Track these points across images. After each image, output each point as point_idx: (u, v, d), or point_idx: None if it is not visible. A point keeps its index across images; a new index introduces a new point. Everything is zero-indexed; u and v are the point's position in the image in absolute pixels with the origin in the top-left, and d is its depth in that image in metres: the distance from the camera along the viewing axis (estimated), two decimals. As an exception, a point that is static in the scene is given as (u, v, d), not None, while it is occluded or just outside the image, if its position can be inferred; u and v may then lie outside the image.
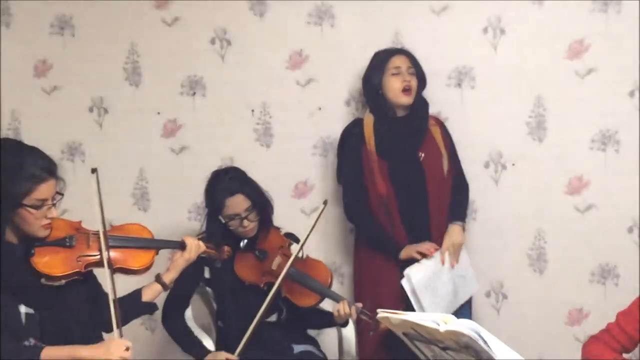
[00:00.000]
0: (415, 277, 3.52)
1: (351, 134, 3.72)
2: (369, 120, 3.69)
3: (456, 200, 3.71)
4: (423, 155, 3.65)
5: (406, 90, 3.61)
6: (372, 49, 3.89)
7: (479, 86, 3.89)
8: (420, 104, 3.71)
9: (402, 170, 3.62)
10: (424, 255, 3.54)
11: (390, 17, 3.90)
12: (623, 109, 3.78)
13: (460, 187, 3.75)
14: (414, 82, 3.64)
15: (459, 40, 3.84)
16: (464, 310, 3.63)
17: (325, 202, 3.32)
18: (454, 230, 3.65)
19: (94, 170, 2.73)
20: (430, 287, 3.55)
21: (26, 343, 2.59)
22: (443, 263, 3.58)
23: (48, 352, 2.55)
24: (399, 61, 3.65)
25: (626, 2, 3.71)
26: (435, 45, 3.73)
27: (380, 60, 3.68)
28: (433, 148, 3.68)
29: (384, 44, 3.89)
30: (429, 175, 3.63)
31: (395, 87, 3.62)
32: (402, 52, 3.70)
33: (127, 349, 2.56)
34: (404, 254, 3.56)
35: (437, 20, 3.87)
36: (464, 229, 3.68)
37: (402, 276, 3.53)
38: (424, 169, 3.64)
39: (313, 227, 3.23)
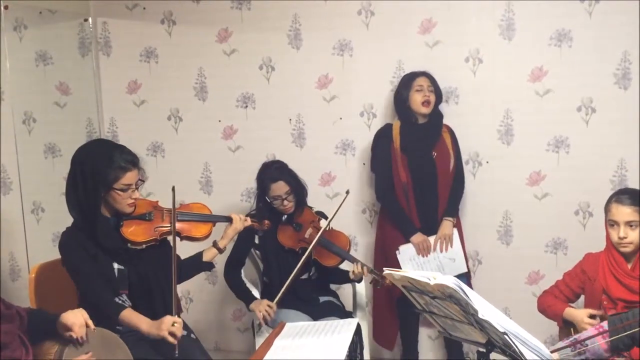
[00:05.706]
0: (402, 253, 3.55)
1: (383, 135, 3.65)
2: (396, 125, 3.62)
3: (452, 198, 3.61)
4: (436, 154, 3.56)
5: (425, 103, 3.53)
6: (381, 74, 3.87)
7: (461, 102, 3.80)
8: (437, 115, 3.63)
9: (419, 165, 3.55)
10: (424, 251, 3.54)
11: (395, 50, 3.83)
12: (572, 120, 3.69)
13: (459, 183, 3.66)
14: (432, 97, 3.55)
15: (446, 67, 3.75)
16: (462, 279, 3.58)
17: (347, 192, 3.28)
18: (445, 225, 3.57)
19: (173, 189, 2.64)
20: (415, 261, 3.54)
21: (117, 299, 2.59)
22: (434, 249, 3.55)
23: (125, 313, 2.53)
24: (421, 81, 3.56)
25: (576, 39, 3.61)
26: (429, 71, 3.64)
27: (408, 80, 3.59)
28: (444, 149, 3.59)
29: (390, 70, 3.84)
30: (439, 170, 3.56)
31: (417, 100, 3.53)
32: (425, 74, 3.59)
33: (174, 324, 2.48)
34: (415, 239, 3.53)
35: (430, 52, 3.79)
36: (454, 225, 3.60)
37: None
38: (435, 165, 3.56)
39: (337, 210, 3.19)
